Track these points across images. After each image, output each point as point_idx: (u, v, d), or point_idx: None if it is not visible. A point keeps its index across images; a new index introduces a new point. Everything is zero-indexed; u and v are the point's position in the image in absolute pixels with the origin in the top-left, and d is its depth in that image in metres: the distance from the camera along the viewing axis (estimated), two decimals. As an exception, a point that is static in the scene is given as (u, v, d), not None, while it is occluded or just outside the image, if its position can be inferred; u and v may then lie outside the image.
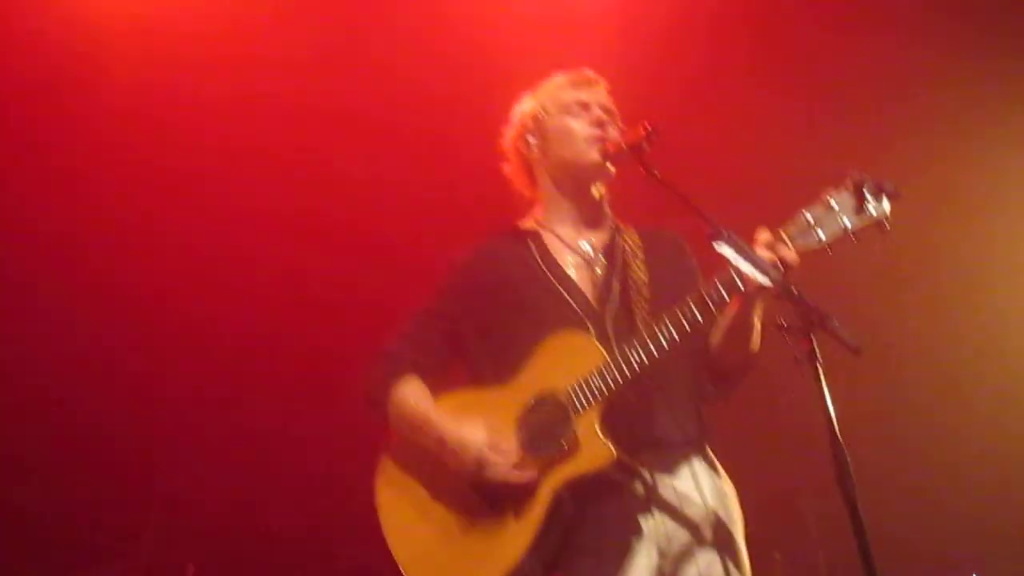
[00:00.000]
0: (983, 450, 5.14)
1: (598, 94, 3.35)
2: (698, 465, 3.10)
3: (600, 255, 3.29)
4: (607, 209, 3.38)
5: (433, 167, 5.32)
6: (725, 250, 2.73)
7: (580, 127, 3.29)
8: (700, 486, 3.06)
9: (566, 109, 3.33)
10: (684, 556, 2.99)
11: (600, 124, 3.27)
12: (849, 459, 2.53)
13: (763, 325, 3.02)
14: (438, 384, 3.25)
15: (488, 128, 3.51)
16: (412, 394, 3.22)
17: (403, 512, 3.19)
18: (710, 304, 2.91)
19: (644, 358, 2.94)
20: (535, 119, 3.38)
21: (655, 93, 4.68)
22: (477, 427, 3.07)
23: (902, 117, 5.24)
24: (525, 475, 2.98)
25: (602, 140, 3.24)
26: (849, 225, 2.82)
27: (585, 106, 3.31)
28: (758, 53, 5.37)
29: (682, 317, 2.92)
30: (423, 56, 5.25)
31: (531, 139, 3.39)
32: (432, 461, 3.14)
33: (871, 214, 2.80)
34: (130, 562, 5.58)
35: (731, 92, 5.28)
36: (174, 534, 5.65)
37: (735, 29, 5.32)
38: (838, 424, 2.54)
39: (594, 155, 3.24)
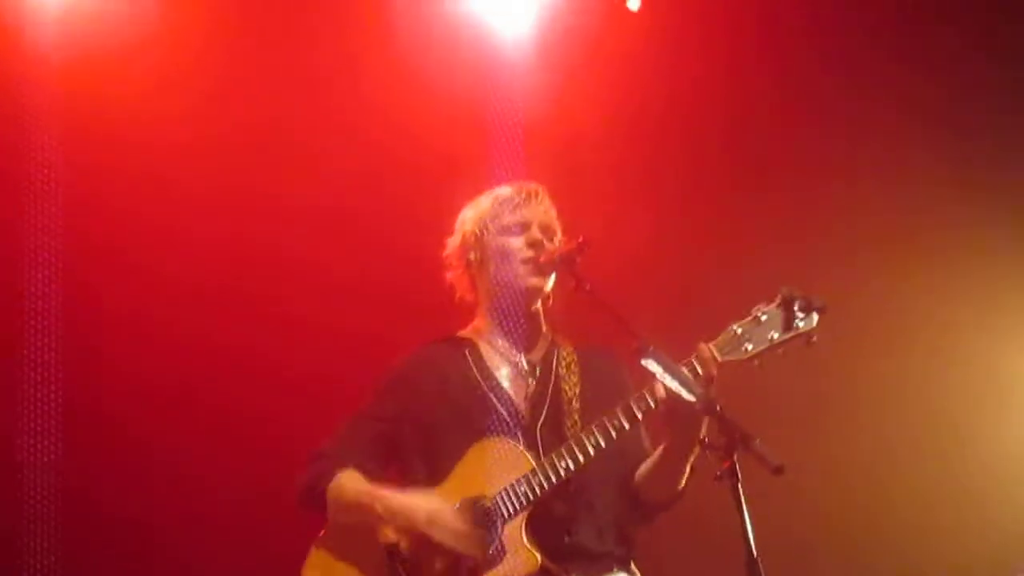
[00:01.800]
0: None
1: (537, 210, 3.42)
2: None
3: (535, 368, 3.38)
4: (544, 324, 3.47)
5: (371, 265, 5.23)
6: (651, 366, 2.80)
7: (518, 248, 3.34)
8: None
9: (506, 230, 3.39)
10: None
11: (536, 245, 3.33)
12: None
13: (693, 469, 3.10)
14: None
15: (435, 232, 3.59)
16: (352, 481, 3.27)
17: None
18: (637, 413, 3.03)
19: (571, 464, 3.04)
20: (475, 236, 3.45)
21: (593, 199, 4.72)
22: (423, 496, 3.15)
23: (836, 243, 5.34)
24: (472, 544, 3.03)
25: (536, 262, 3.30)
26: (777, 337, 2.95)
27: (524, 226, 3.37)
28: (698, 165, 5.46)
29: (609, 425, 3.04)
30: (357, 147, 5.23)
31: (471, 255, 3.45)
32: (361, 551, 3.17)
33: (799, 327, 2.93)
34: None
35: (669, 203, 5.35)
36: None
37: (679, 138, 5.41)
38: (756, 546, 2.51)
39: (531, 280, 3.33)
